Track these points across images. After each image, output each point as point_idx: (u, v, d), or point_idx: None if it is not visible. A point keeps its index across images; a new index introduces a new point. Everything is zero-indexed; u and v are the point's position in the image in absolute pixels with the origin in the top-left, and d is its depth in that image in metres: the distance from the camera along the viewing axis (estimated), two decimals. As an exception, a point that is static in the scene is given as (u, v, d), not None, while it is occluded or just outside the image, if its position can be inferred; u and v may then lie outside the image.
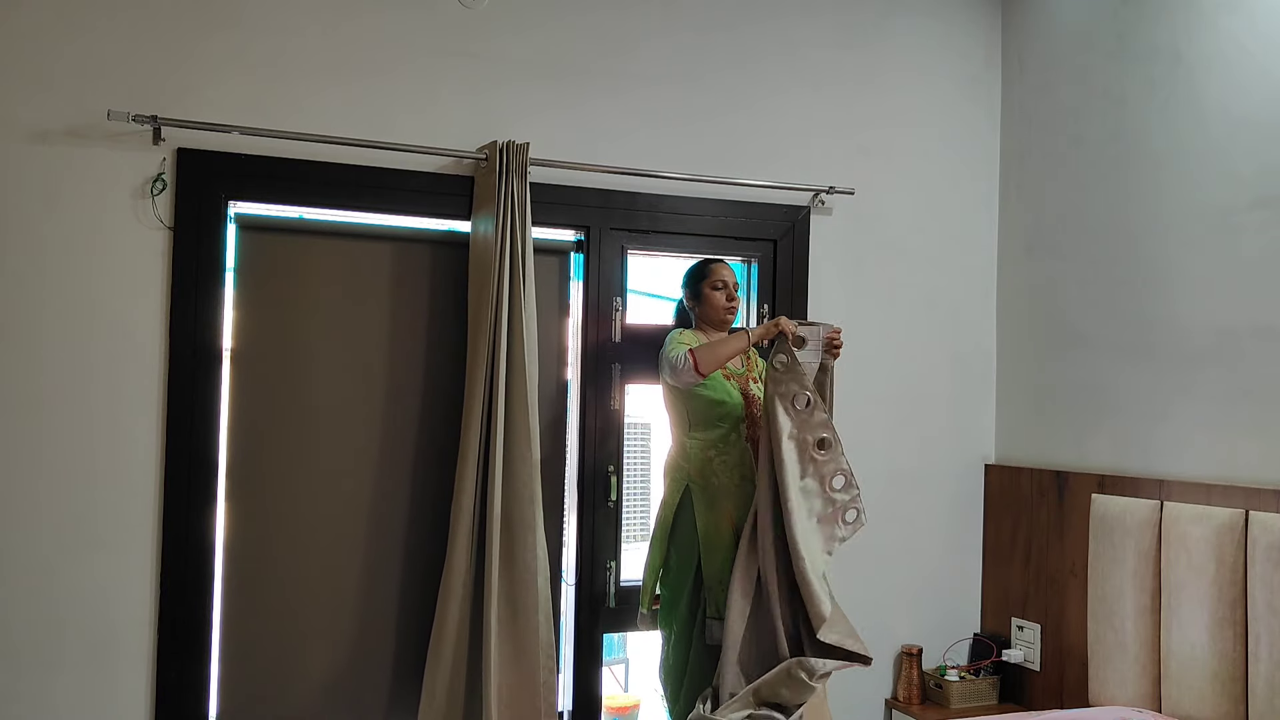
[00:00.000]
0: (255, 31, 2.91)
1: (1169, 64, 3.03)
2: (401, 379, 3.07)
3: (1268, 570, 2.53)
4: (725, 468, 2.89)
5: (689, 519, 2.88)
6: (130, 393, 2.79)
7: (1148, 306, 3.07)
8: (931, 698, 3.46)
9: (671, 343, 2.88)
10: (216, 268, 2.87)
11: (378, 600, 3.03)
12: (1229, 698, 2.62)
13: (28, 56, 2.73)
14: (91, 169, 2.76)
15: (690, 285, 3.03)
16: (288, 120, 2.90)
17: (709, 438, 2.90)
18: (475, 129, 3.07)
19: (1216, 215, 2.87)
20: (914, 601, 3.56)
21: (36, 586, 2.71)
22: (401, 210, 3.06)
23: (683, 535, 2.89)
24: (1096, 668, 3.03)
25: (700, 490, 2.88)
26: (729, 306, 2.99)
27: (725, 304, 2.98)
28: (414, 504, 3.06)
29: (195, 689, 2.83)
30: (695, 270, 3.04)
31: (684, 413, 2.93)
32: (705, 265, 3.04)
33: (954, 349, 3.64)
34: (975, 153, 3.71)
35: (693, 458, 2.90)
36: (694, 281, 3.02)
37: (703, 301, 3.00)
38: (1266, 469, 2.69)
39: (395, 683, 3.02)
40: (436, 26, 3.08)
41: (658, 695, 3.67)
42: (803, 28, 3.49)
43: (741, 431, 2.92)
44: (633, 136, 3.27)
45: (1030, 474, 3.46)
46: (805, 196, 3.44)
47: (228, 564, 2.91)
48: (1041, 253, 3.51)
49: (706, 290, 2.99)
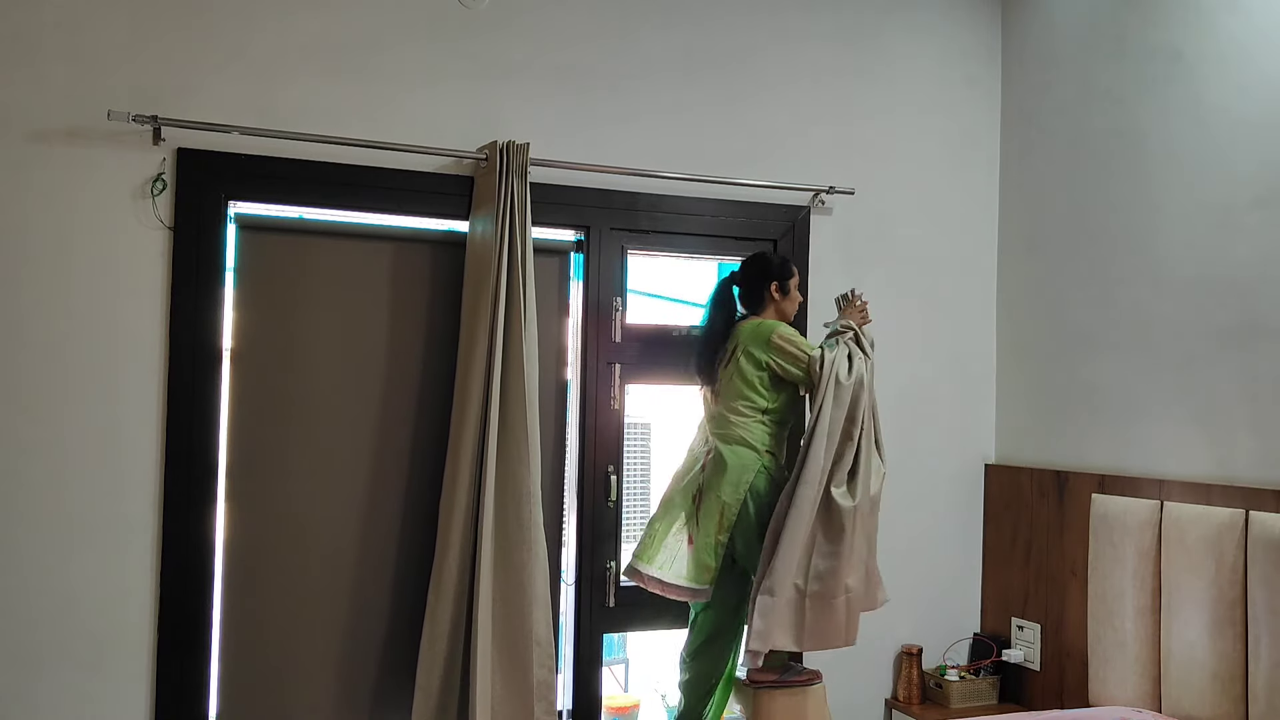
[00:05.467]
0: (255, 31, 2.91)
1: (1169, 64, 3.03)
2: (401, 379, 3.07)
3: (1268, 570, 2.53)
4: (779, 461, 3.00)
5: (758, 498, 2.92)
6: (130, 393, 2.79)
7: (1148, 306, 3.07)
8: (931, 697, 3.46)
9: (786, 331, 2.97)
10: (216, 268, 2.87)
11: (378, 600, 3.03)
12: (1229, 698, 2.62)
13: (28, 56, 2.73)
14: (91, 169, 2.76)
15: (782, 278, 3.06)
16: (288, 120, 2.90)
17: (781, 434, 3.02)
18: (475, 129, 3.07)
19: (1216, 215, 2.87)
20: (914, 601, 3.55)
21: (36, 586, 2.71)
22: (401, 210, 3.06)
23: (752, 513, 2.93)
24: (1096, 668, 3.03)
25: (765, 475, 2.94)
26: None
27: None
28: (414, 504, 3.05)
29: (195, 689, 2.84)
30: (786, 265, 3.09)
31: (772, 399, 2.97)
32: (792, 265, 3.12)
33: (954, 349, 3.63)
34: (975, 153, 3.71)
35: (764, 443, 2.96)
36: (786, 276, 3.07)
37: (789, 298, 3.08)
38: (1266, 469, 2.69)
39: (395, 682, 3.02)
40: (437, 27, 3.08)
41: (658, 696, 3.67)
42: (803, 27, 3.49)
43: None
44: (633, 137, 3.26)
45: (1030, 474, 3.46)
46: (805, 196, 3.44)
47: (228, 563, 2.91)
48: (1041, 253, 3.51)
49: (794, 289, 3.09)
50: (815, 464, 2.85)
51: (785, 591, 2.82)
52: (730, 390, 2.98)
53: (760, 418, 2.96)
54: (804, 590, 2.84)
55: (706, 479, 2.96)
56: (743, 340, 2.99)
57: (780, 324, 3.00)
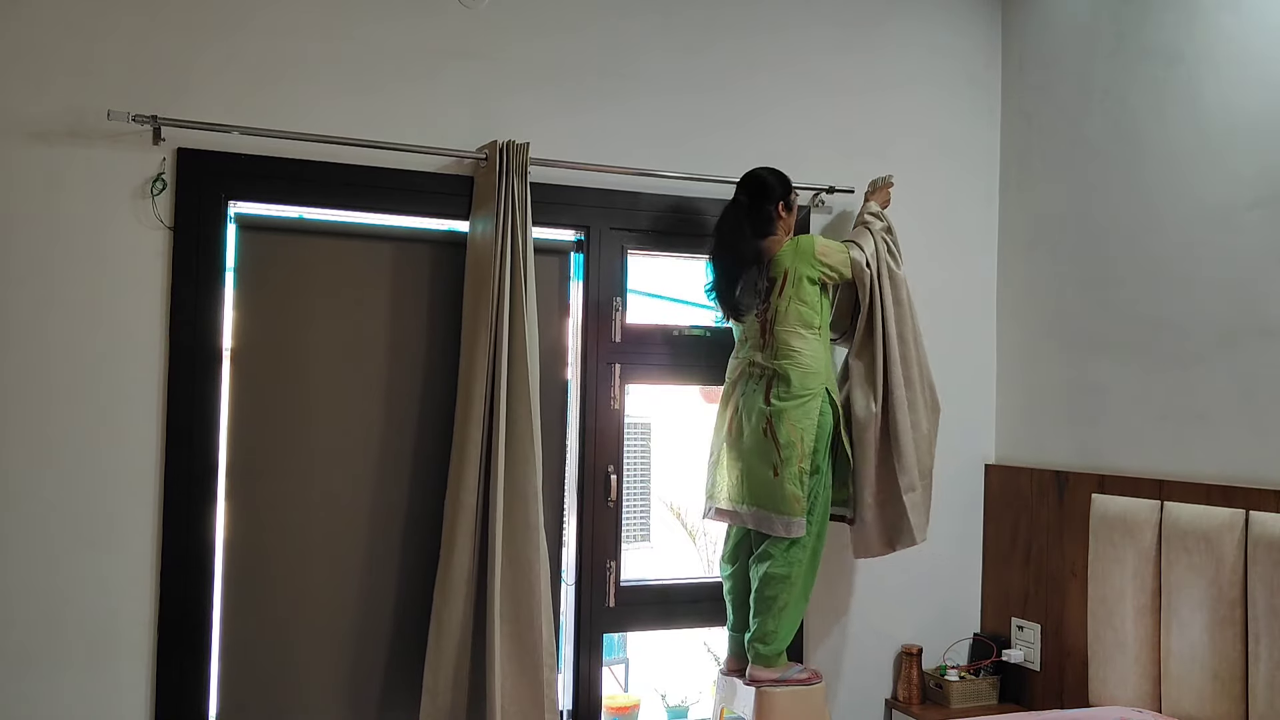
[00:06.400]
0: (255, 32, 2.91)
1: (1169, 64, 3.03)
2: (401, 379, 3.07)
3: (1268, 570, 2.53)
4: (835, 375, 3.10)
5: (830, 424, 3.00)
6: (130, 393, 2.79)
7: (1148, 306, 3.07)
8: (931, 698, 3.46)
9: (822, 240, 3.08)
10: (216, 268, 2.87)
11: (378, 600, 3.03)
12: (1229, 698, 2.62)
13: (28, 56, 2.73)
14: (91, 169, 2.76)
15: (786, 195, 3.10)
16: (288, 120, 2.90)
17: (830, 346, 3.09)
18: (475, 129, 3.07)
19: (1216, 215, 2.87)
20: (914, 601, 3.56)
21: (37, 586, 2.71)
22: (401, 210, 3.06)
23: (826, 438, 2.99)
24: (1096, 668, 3.03)
25: (828, 395, 3.00)
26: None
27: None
28: (414, 504, 3.06)
29: (195, 689, 2.83)
30: (785, 179, 3.12)
31: (825, 313, 3.06)
32: (787, 177, 3.13)
33: (954, 349, 3.63)
34: (975, 152, 3.71)
35: (824, 362, 3.01)
36: (789, 191, 3.11)
37: (792, 212, 3.13)
38: (1266, 469, 2.69)
39: (396, 682, 3.02)
40: (436, 26, 3.08)
41: (658, 696, 3.67)
42: (803, 27, 3.49)
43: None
44: (633, 136, 3.26)
45: (1030, 474, 3.46)
46: (805, 196, 3.44)
47: (228, 564, 2.91)
48: (1041, 252, 3.51)
49: (795, 202, 3.14)
50: (895, 364, 3.08)
51: (916, 485, 3.09)
52: (790, 315, 3.00)
53: (817, 334, 3.02)
54: (929, 477, 3.15)
55: (776, 410, 2.94)
56: (789, 264, 3.02)
57: (812, 236, 3.11)
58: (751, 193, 3.07)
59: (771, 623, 2.96)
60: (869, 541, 3.17)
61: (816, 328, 3.02)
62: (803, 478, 2.93)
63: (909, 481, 3.08)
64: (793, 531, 2.92)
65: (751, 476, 2.98)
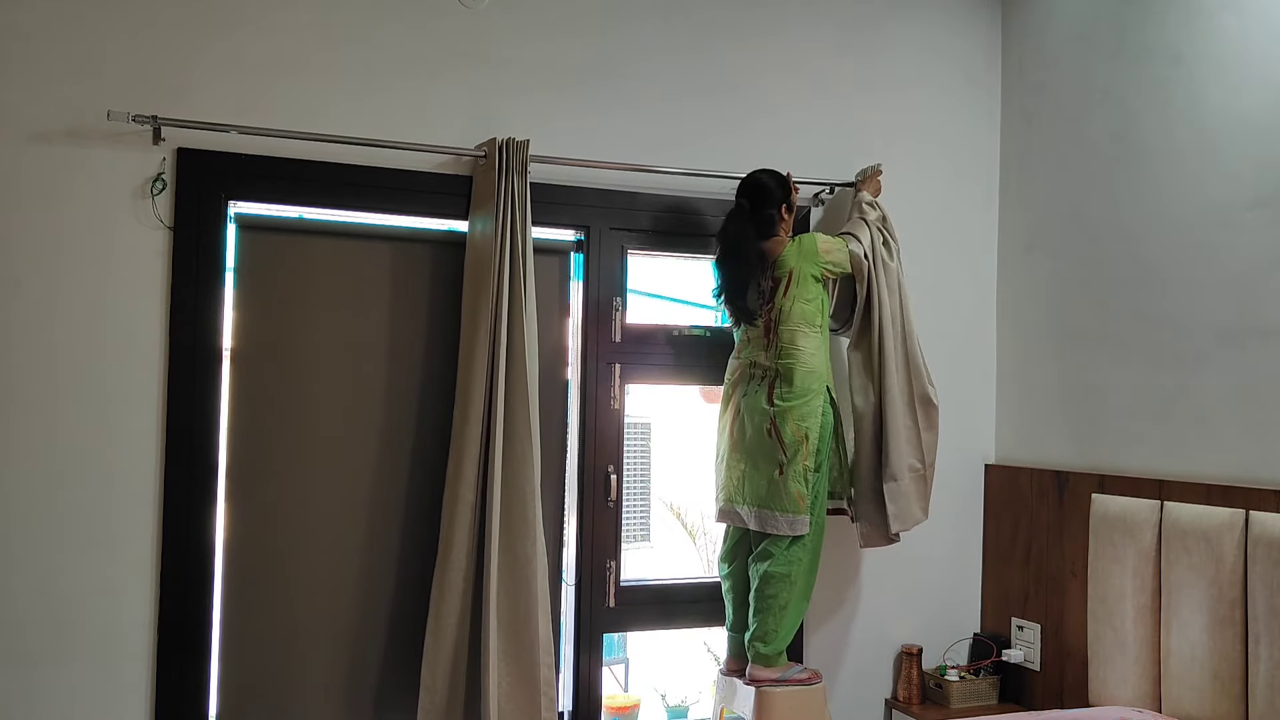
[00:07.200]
0: (255, 31, 2.91)
1: (1169, 64, 3.03)
2: (401, 378, 3.07)
3: (1268, 570, 2.53)
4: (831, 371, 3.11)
5: (831, 422, 3.04)
6: (130, 393, 2.79)
7: (1148, 306, 3.07)
8: (931, 697, 3.46)
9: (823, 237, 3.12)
10: (216, 268, 2.87)
11: (378, 599, 3.03)
12: (1229, 698, 2.62)
13: (28, 56, 2.73)
14: (91, 169, 2.76)
15: (787, 197, 3.13)
16: (288, 120, 2.90)
17: (828, 338, 3.11)
18: (475, 130, 3.07)
19: (1216, 215, 2.87)
20: (914, 601, 3.56)
21: (37, 586, 2.71)
22: (401, 210, 3.06)
23: (829, 436, 3.04)
24: (1096, 668, 3.03)
25: (828, 393, 3.04)
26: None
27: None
28: (413, 502, 3.06)
29: (195, 689, 2.83)
30: (785, 182, 3.13)
31: (826, 310, 3.10)
32: (786, 178, 3.14)
33: (954, 349, 3.63)
34: (975, 152, 3.71)
35: (824, 360, 3.04)
36: (789, 193, 3.13)
37: (794, 212, 3.16)
38: (1266, 469, 2.69)
39: (394, 679, 3.02)
40: (436, 26, 3.08)
41: (658, 696, 3.67)
42: (803, 27, 3.49)
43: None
44: (633, 137, 3.26)
45: (1030, 474, 3.46)
46: (806, 193, 3.44)
47: (228, 564, 2.91)
48: (1041, 252, 3.51)
49: (795, 202, 3.17)
50: (890, 355, 3.12)
51: (904, 474, 3.12)
52: (794, 314, 3.02)
53: (819, 331, 3.05)
54: (920, 467, 3.17)
55: (779, 410, 2.96)
56: (793, 264, 3.04)
57: (814, 235, 3.13)
58: (753, 198, 3.08)
59: (772, 622, 2.96)
60: (871, 532, 3.20)
61: (818, 325, 3.04)
62: (806, 475, 2.94)
63: (891, 471, 3.13)
64: (797, 529, 2.93)
65: (754, 477, 2.99)
